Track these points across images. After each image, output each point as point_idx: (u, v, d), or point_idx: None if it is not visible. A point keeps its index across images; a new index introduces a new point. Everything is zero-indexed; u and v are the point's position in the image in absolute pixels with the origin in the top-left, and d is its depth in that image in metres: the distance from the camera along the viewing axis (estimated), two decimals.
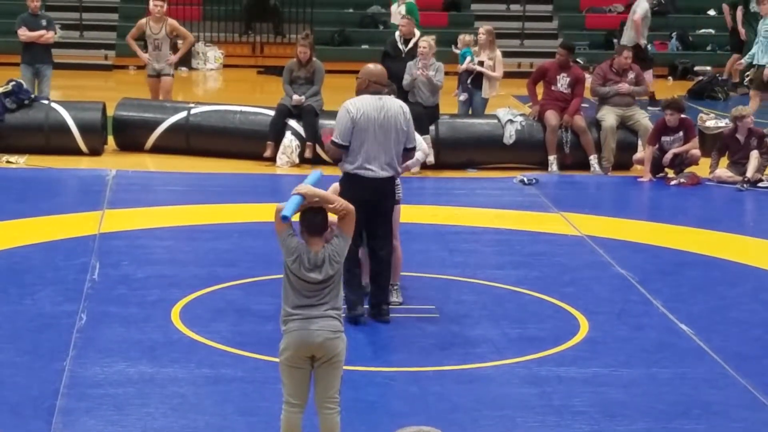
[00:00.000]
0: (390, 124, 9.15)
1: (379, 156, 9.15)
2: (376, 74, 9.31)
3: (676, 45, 25.88)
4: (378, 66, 9.59)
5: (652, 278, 10.87)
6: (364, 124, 9.11)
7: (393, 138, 9.17)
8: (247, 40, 25.64)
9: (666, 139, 14.99)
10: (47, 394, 7.78)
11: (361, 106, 9.17)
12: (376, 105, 9.16)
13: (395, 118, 9.17)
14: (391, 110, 9.17)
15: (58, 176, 14.61)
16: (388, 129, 9.14)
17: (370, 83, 9.27)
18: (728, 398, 8.10)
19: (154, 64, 16.72)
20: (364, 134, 9.11)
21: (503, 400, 7.95)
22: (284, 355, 6.59)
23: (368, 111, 9.13)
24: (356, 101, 9.22)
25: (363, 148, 9.13)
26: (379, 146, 9.13)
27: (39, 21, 16.88)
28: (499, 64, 16.13)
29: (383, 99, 9.22)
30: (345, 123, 9.16)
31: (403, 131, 9.20)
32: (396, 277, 9.88)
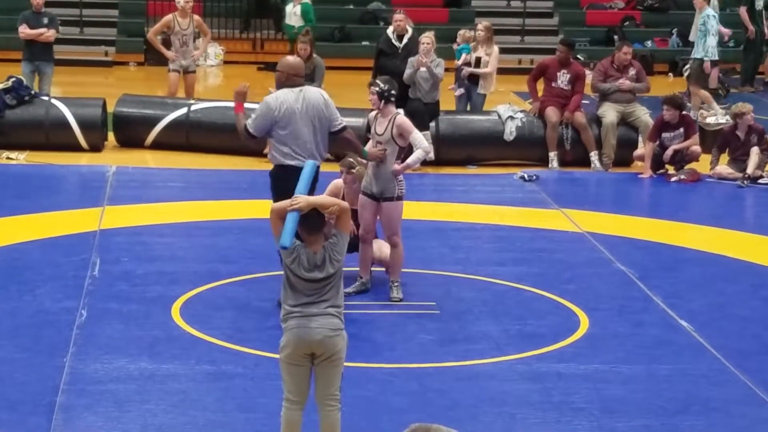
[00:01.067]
0: (312, 114, 9.30)
1: (305, 146, 9.29)
2: (294, 67, 9.44)
3: (676, 41, 25.85)
4: (296, 58, 9.76)
5: (652, 275, 10.87)
6: (287, 117, 9.26)
7: (317, 127, 9.32)
8: (247, 37, 25.63)
9: (666, 136, 14.99)
10: (47, 391, 7.78)
11: (283, 100, 9.31)
12: (296, 97, 9.30)
13: (316, 107, 9.31)
14: (312, 100, 9.32)
15: (59, 172, 14.62)
16: (312, 119, 9.29)
17: (288, 76, 9.38)
18: (728, 394, 8.10)
19: (180, 60, 16.65)
20: (289, 126, 9.26)
21: (503, 397, 7.96)
22: (284, 353, 6.59)
23: (290, 104, 9.28)
24: (277, 96, 9.35)
25: (290, 139, 9.28)
26: (304, 137, 9.28)
27: (41, 19, 16.85)
28: (494, 60, 16.07)
29: (303, 90, 9.36)
30: (264, 118, 9.34)
31: (325, 117, 9.35)
32: (397, 274, 9.89)
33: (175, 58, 16.64)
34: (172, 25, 16.70)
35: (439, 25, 22.88)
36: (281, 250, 6.50)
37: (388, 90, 9.82)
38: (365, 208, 9.84)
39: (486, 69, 16.03)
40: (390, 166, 9.74)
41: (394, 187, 9.76)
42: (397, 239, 9.83)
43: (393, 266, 9.93)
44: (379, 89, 9.85)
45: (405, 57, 15.46)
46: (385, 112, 9.85)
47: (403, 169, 9.78)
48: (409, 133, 9.77)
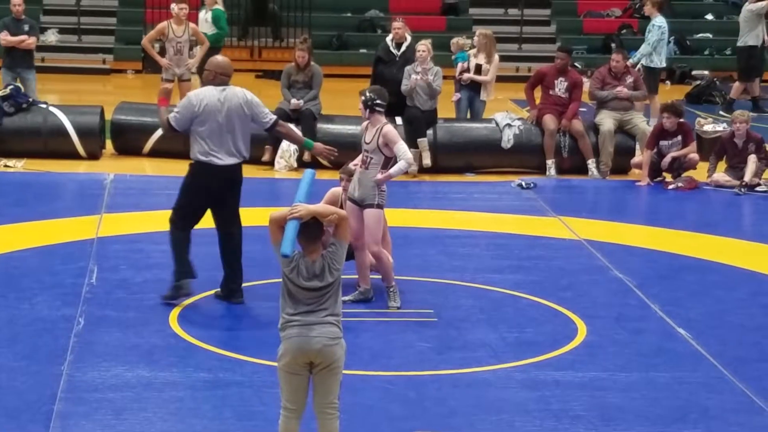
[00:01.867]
0: (232, 113, 9.48)
1: (224, 144, 9.52)
2: (222, 66, 9.65)
3: (673, 49, 25.88)
4: (224, 58, 9.96)
5: (650, 282, 10.87)
6: (206, 114, 9.47)
7: (237, 126, 9.51)
8: (245, 45, 25.65)
9: (664, 143, 15.01)
10: (45, 399, 7.78)
11: (204, 97, 9.51)
12: (218, 95, 9.50)
13: (236, 107, 9.50)
14: (233, 99, 9.51)
15: (56, 180, 14.61)
16: (231, 117, 9.49)
17: (216, 75, 9.58)
18: (726, 402, 8.10)
19: (174, 68, 16.61)
20: (208, 124, 9.48)
21: (501, 405, 7.95)
22: (282, 361, 6.58)
23: (210, 102, 9.48)
24: (199, 92, 9.60)
25: (208, 137, 9.50)
26: (223, 135, 9.50)
27: (21, 26, 16.78)
28: (493, 69, 16.11)
29: (226, 89, 9.54)
30: (185, 113, 9.54)
31: (246, 116, 9.55)
32: (389, 280, 9.87)
33: (168, 65, 16.60)
34: (166, 32, 16.66)
35: (437, 33, 22.90)
36: (282, 258, 6.49)
37: (372, 99, 9.80)
38: (351, 214, 9.84)
39: (485, 77, 16.05)
40: (373, 174, 9.75)
41: (374, 195, 9.75)
42: (376, 249, 9.78)
43: (382, 274, 9.93)
44: (364, 98, 9.85)
45: (403, 65, 15.49)
46: (373, 121, 9.85)
47: (384, 178, 9.75)
48: (393, 143, 9.74)
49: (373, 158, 9.77)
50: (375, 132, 9.81)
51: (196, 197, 9.76)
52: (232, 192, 9.81)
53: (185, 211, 9.82)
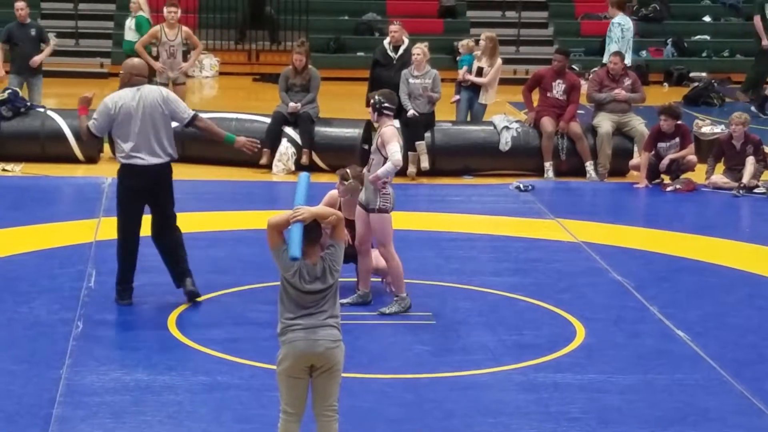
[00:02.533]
0: (150, 112, 9.45)
1: (145, 144, 9.48)
2: (136, 67, 9.63)
3: (671, 51, 25.91)
4: (139, 60, 10.01)
5: (648, 284, 10.87)
6: (123, 116, 9.45)
7: (157, 125, 9.48)
8: (242, 48, 25.66)
9: (662, 146, 15.01)
10: (43, 403, 7.77)
11: (119, 99, 9.49)
12: (134, 96, 9.47)
13: (153, 106, 9.47)
14: (149, 98, 9.47)
15: (54, 184, 14.61)
16: (149, 117, 9.45)
17: (131, 76, 9.56)
18: (725, 404, 8.10)
19: (168, 72, 16.61)
20: (127, 126, 9.45)
21: (499, 407, 7.95)
22: (283, 366, 6.57)
23: (126, 103, 9.46)
24: (115, 95, 9.54)
25: (129, 139, 9.47)
26: (143, 135, 9.47)
27: (28, 30, 16.78)
28: (494, 71, 16.12)
29: (141, 89, 9.51)
30: (102, 118, 9.53)
31: (165, 115, 9.51)
32: (398, 288, 9.84)
33: (162, 69, 16.60)
34: (159, 36, 16.67)
35: (435, 36, 22.92)
36: (290, 261, 6.48)
37: (380, 102, 9.80)
38: (358, 218, 9.85)
39: (483, 79, 16.07)
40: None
41: (376, 199, 9.73)
42: (386, 253, 9.78)
43: (392, 281, 9.90)
44: (373, 101, 9.86)
45: (400, 68, 15.50)
46: (381, 124, 9.85)
47: (373, 179, 9.71)
48: (386, 143, 9.71)
49: (374, 159, 9.77)
50: (377, 132, 9.84)
51: (128, 201, 9.68)
52: (161, 193, 9.70)
53: (122, 217, 9.74)
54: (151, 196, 9.67)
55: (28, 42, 16.77)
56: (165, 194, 9.74)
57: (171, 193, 9.80)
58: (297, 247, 6.43)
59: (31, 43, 16.82)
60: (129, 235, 9.74)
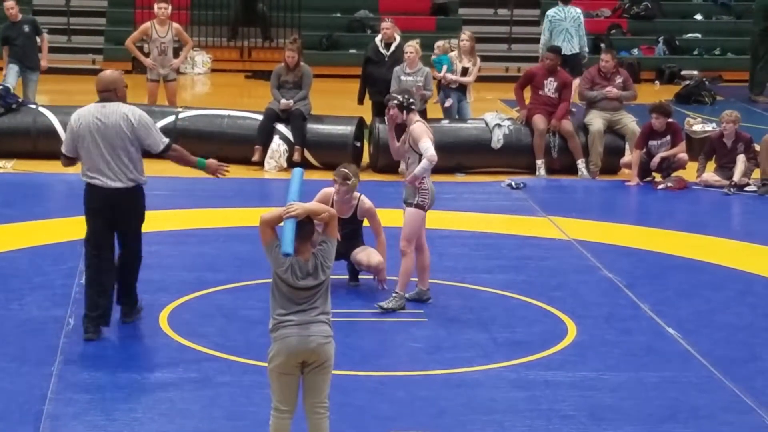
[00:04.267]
0: (111, 132, 8.76)
1: (103, 166, 8.83)
2: (103, 82, 8.91)
3: (662, 49, 25.92)
4: (111, 72, 9.11)
5: (639, 282, 10.89)
6: (83, 132, 8.81)
7: (116, 148, 8.78)
8: (235, 45, 25.63)
9: (653, 143, 15.03)
10: (35, 400, 7.77)
11: (82, 114, 8.86)
12: (97, 112, 8.81)
13: (114, 127, 8.76)
14: (111, 118, 8.76)
15: (46, 181, 14.59)
16: (111, 137, 8.76)
17: (98, 92, 8.91)
18: (715, 402, 8.12)
19: (159, 69, 16.58)
20: (85, 143, 8.82)
21: (491, 405, 7.96)
22: (274, 362, 6.58)
23: (88, 119, 8.81)
24: (80, 110, 8.92)
25: (87, 157, 8.87)
26: (102, 155, 8.81)
27: (21, 27, 16.73)
28: (476, 70, 16.25)
29: (106, 106, 8.82)
30: (68, 135, 8.96)
31: (129, 139, 8.80)
32: (400, 285, 9.84)
33: (153, 66, 16.57)
34: (149, 33, 16.63)
35: (427, 33, 22.90)
36: (283, 257, 6.49)
37: (407, 99, 9.77)
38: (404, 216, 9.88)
39: (470, 78, 16.14)
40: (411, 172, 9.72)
41: (415, 195, 9.74)
42: (407, 247, 9.80)
43: (400, 277, 9.90)
44: (398, 102, 9.74)
45: (392, 65, 15.49)
46: (408, 121, 9.79)
47: (411, 179, 9.69)
48: (418, 140, 9.68)
49: (410, 158, 9.76)
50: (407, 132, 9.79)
51: (91, 221, 9.09)
52: (122, 220, 9.03)
53: (88, 234, 9.17)
54: (112, 219, 9.00)
55: (23, 38, 16.75)
56: (126, 222, 9.07)
57: (134, 222, 9.14)
58: (289, 244, 6.44)
59: (27, 39, 16.79)
60: (92, 260, 9.04)
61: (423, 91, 15.15)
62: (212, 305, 9.90)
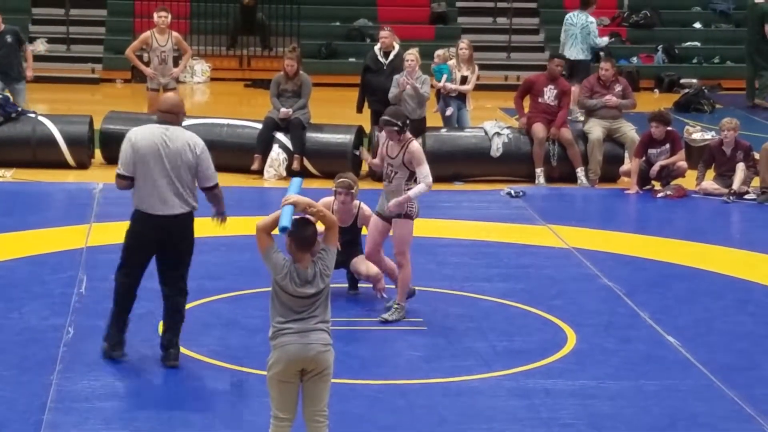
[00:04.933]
0: (175, 156, 8.36)
1: (163, 189, 8.40)
2: (168, 104, 8.56)
3: (662, 58, 25.93)
4: (174, 96, 8.84)
5: (639, 290, 10.89)
6: (146, 153, 8.36)
7: (181, 170, 8.39)
8: (234, 54, 25.64)
9: (653, 152, 15.03)
10: (34, 408, 7.77)
11: (140, 134, 8.43)
12: (161, 134, 8.38)
13: (182, 150, 8.37)
14: (177, 141, 8.37)
15: (45, 190, 14.59)
16: (174, 160, 8.36)
17: (158, 111, 8.54)
18: (715, 410, 8.12)
19: (159, 78, 16.59)
20: (147, 164, 8.38)
21: (491, 413, 7.96)
22: (274, 370, 6.59)
23: (151, 140, 8.36)
24: (137, 129, 8.52)
25: (145, 179, 8.42)
26: (163, 178, 8.39)
27: (4, 37, 16.67)
28: (475, 78, 16.33)
29: (170, 129, 8.40)
30: (125, 153, 8.45)
31: (190, 165, 8.42)
32: (400, 296, 9.85)
33: (153, 75, 16.59)
34: (150, 42, 16.65)
35: (426, 42, 22.91)
36: (282, 232, 6.49)
37: (404, 121, 9.71)
38: (375, 227, 9.88)
39: (469, 87, 16.19)
40: (400, 187, 9.69)
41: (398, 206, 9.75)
42: (403, 259, 9.80)
43: (400, 288, 9.89)
44: (397, 127, 9.64)
45: (390, 73, 15.50)
46: (405, 140, 9.78)
47: (404, 200, 9.66)
48: (418, 164, 9.64)
49: (397, 173, 9.73)
50: (401, 148, 9.72)
51: (131, 250, 8.68)
52: (172, 248, 8.59)
53: (125, 260, 8.76)
54: (160, 249, 8.57)
55: (6, 49, 16.66)
56: (176, 250, 8.60)
57: (185, 250, 8.65)
58: (287, 219, 6.46)
59: (10, 49, 16.71)
60: (124, 289, 8.69)
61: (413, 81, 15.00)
62: (212, 314, 9.91)
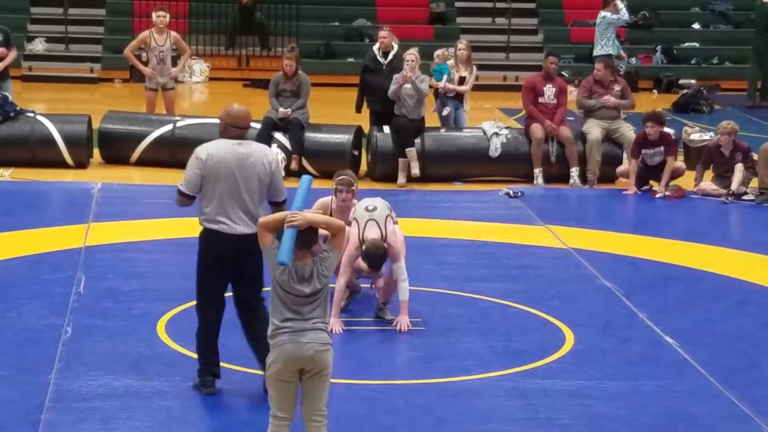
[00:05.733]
0: (251, 172, 7.91)
1: (233, 209, 7.95)
2: (234, 116, 8.04)
3: (660, 58, 25.94)
4: (239, 107, 8.17)
5: (637, 291, 10.89)
6: (218, 170, 7.90)
7: (255, 187, 7.92)
8: (233, 54, 25.65)
9: (647, 152, 15.00)
10: (32, 408, 7.76)
11: (213, 151, 7.96)
12: (235, 150, 7.94)
13: (257, 166, 7.94)
14: (253, 156, 7.93)
15: (44, 189, 14.59)
16: (249, 177, 7.91)
17: (227, 126, 8.03)
18: (713, 411, 8.12)
19: (158, 77, 16.60)
20: (214, 183, 7.93)
21: (489, 413, 7.96)
22: (272, 369, 6.59)
23: (224, 156, 7.91)
24: (208, 146, 8.04)
25: (214, 198, 7.96)
26: (237, 196, 7.94)
27: None
28: (473, 78, 16.35)
29: (243, 144, 7.97)
30: (193, 171, 7.96)
31: (263, 180, 7.96)
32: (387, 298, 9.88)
33: (152, 75, 16.59)
34: (148, 42, 16.66)
35: (425, 42, 22.91)
36: (278, 265, 6.51)
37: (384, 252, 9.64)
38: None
39: (467, 87, 16.21)
40: None
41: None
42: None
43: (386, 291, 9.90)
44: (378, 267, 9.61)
45: (390, 73, 15.49)
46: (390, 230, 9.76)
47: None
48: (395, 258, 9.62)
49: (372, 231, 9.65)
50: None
51: (209, 273, 8.19)
52: (246, 268, 8.09)
53: (203, 287, 8.28)
54: (234, 270, 8.10)
55: None
56: (251, 270, 8.06)
57: (258, 269, 8.06)
58: (286, 253, 6.47)
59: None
60: (208, 316, 8.27)
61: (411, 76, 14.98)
62: None
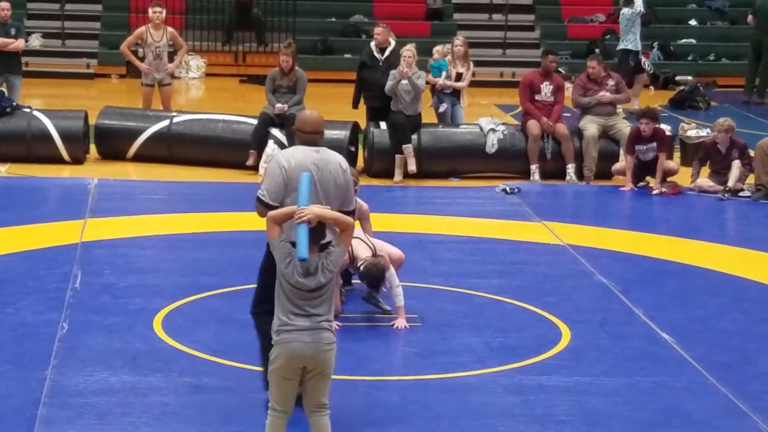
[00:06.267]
0: (329, 180, 7.57)
1: None
2: (308, 123, 7.71)
3: (657, 55, 25.94)
4: (312, 113, 7.87)
5: (633, 287, 10.90)
6: (295, 178, 7.41)
7: (331, 195, 7.56)
8: (229, 49, 25.64)
9: (640, 148, 14.99)
10: (28, 404, 7.76)
11: (293, 158, 7.58)
12: (313, 158, 7.57)
13: (334, 174, 7.60)
14: (330, 164, 7.59)
15: (40, 185, 14.58)
16: (327, 185, 7.56)
17: (302, 133, 7.70)
18: (709, 407, 8.12)
19: (154, 73, 16.59)
20: (294, 192, 7.43)
21: (485, 409, 7.96)
22: (275, 365, 6.61)
23: (304, 164, 7.52)
24: (287, 153, 7.73)
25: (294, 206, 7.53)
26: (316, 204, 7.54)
27: (8, 29, 16.72)
28: (470, 75, 16.37)
29: (320, 151, 7.61)
30: (276, 180, 7.51)
31: (339, 188, 7.61)
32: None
33: (148, 70, 16.59)
34: (145, 37, 16.66)
35: (422, 38, 22.91)
36: (301, 261, 6.53)
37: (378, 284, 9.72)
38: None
39: (464, 84, 16.23)
40: None
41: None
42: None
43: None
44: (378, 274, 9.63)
45: (386, 69, 15.49)
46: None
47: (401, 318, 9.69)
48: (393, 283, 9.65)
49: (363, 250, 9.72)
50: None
51: None
52: None
53: (264, 295, 7.78)
54: None
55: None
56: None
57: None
58: (304, 248, 6.50)
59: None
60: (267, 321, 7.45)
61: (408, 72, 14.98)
62: (207, 310, 9.90)
